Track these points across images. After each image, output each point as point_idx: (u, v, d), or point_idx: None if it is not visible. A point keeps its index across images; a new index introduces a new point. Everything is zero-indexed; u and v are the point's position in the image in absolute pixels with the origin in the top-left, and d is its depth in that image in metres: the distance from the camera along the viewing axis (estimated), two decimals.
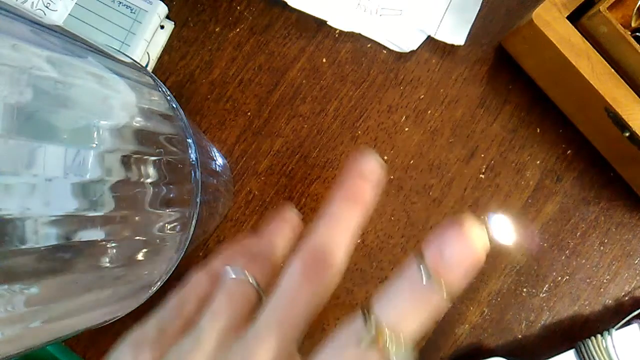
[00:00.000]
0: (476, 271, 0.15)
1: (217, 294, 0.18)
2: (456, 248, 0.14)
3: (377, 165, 0.17)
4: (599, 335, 0.33)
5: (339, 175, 0.18)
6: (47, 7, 0.34)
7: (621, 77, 0.31)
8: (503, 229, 0.19)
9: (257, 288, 0.18)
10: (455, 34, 0.36)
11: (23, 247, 0.15)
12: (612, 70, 0.31)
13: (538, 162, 0.37)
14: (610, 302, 0.36)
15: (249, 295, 0.18)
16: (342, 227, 0.17)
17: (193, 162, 0.23)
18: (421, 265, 0.15)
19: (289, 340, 0.16)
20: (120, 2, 0.35)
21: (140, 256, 0.21)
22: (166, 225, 0.22)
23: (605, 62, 0.31)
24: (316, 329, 0.35)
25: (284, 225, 0.21)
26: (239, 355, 0.15)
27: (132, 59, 0.23)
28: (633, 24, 0.31)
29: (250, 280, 0.18)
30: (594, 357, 0.32)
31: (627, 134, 0.31)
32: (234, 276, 0.18)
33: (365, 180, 0.17)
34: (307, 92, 0.37)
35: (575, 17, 0.31)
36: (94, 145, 0.17)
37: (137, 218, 0.20)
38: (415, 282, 0.15)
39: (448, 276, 0.15)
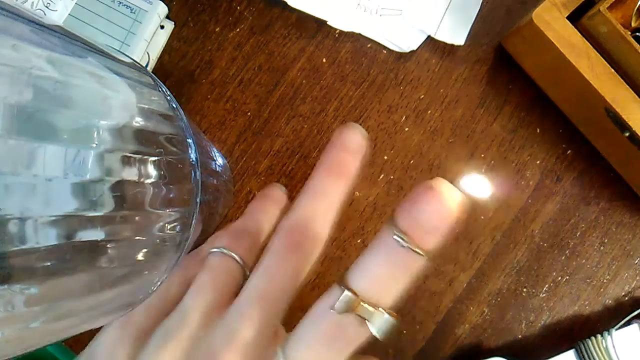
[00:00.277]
0: (453, 231, 0.14)
1: (200, 273, 0.18)
2: (430, 210, 0.14)
3: (361, 137, 0.17)
4: (599, 335, 0.33)
5: (323, 149, 0.17)
6: (47, 7, 0.34)
7: (621, 77, 0.31)
8: (477, 185, 0.18)
9: (241, 264, 0.18)
10: (455, 34, 0.36)
11: (23, 247, 0.15)
12: (612, 70, 0.31)
13: (538, 162, 0.37)
14: (610, 302, 0.36)
15: (232, 272, 0.18)
16: (324, 200, 0.17)
17: (193, 162, 0.23)
18: (395, 233, 0.14)
19: (272, 314, 0.16)
20: (120, 2, 0.35)
21: (140, 256, 0.21)
22: (166, 225, 0.22)
23: (605, 62, 0.31)
24: None
25: (269, 203, 0.21)
26: (224, 331, 0.15)
27: (132, 59, 0.23)
28: (633, 24, 0.31)
29: (234, 256, 0.18)
30: (594, 357, 0.32)
31: (627, 134, 0.31)
32: (217, 255, 0.18)
33: (348, 152, 0.17)
34: (307, 92, 0.37)
35: (575, 17, 0.31)
36: (94, 145, 0.17)
37: (137, 218, 0.20)
38: (391, 249, 0.15)
39: (424, 239, 0.14)
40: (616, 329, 0.33)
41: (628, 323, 0.34)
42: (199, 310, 0.17)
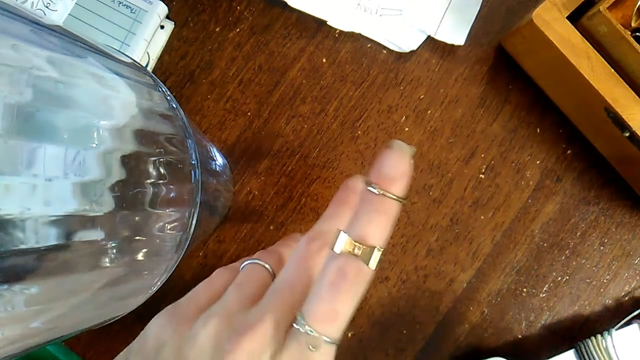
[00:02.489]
0: (410, 175, 0.19)
1: (239, 275, 0.22)
2: (389, 163, 0.18)
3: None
4: (599, 335, 0.33)
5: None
6: (47, 7, 0.34)
7: (621, 77, 0.31)
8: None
9: (270, 272, 0.22)
10: (455, 34, 0.36)
11: (23, 247, 0.15)
12: (612, 70, 0.31)
13: (538, 162, 0.37)
14: (610, 302, 0.36)
15: (264, 277, 0.22)
16: (336, 220, 0.21)
17: (193, 162, 0.23)
18: (370, 185, 0.18)
19: (294, 300, 0.19)
20: (120, 2, 0.35)
21: (140, 256, 0.21)
22: (166, 225, 0.22)
23: (605, 62, 0.31)
24: None
25: (290, 242, 0.26)
26: (256, 311, 0.19)
27: (132, 59, 0.23)
28: (633, 24, 0.31)
29: (265, 266, 0.23)
30: (594, 357, 0.32)
31: (627, 134, 0.31)
32: (252, 264, 0.23)
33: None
34: (307, 92, 0.37)
35: (575, 17, 0.31)
36: (94, 145, 0.17)
37: (137, 218, 0.20)
38: (368, 198, 0.18)
39: (392, 185, 0.18)
40: (616, 329, 0.33)
41: (628, 323, 0.34)
42: (237, 300, 0.21)
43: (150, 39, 0.35)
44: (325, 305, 0.18)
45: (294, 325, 0.18)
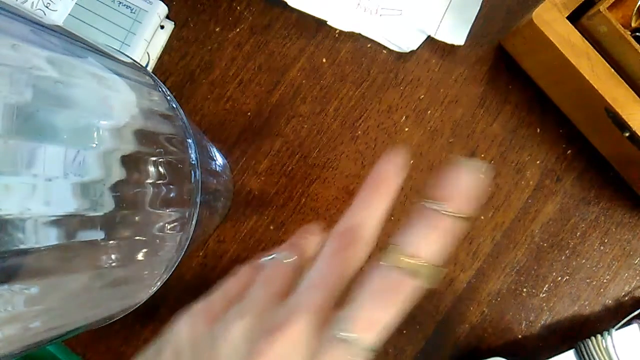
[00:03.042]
0: (479, 196, 0.18)
1: (265, 270, 0.21)
2: (459, 181, 0.17)
3: (400, 164, 0.20)
4: (599, 335, 0.33)
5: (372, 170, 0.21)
6: (47, 7, 0.34)
7: (621, 77, 0.31)
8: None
9: (298, 266, 0.21)
10: (455, 34, 0.36)
11: (23, 247, 0.15)
12: (612, 70, 0.31)
13: (538, 162, 0.37)
14: (610, 302, 0.36)
15: (291, 271, 0.21)
16: (368, 210, 0.20)
17: (193, 162, 0.23)
18: (429, 201, 0.18)
19: (325, 299, 0.19)
20: (120, 2, 0.35)
21: (140, 256, 0.21)
22: (166, 225, 0.22)
23: (605, 62, 0.31)
24: None
25: (307, 235, 0.24)
26: (286, 309, 0.19)
27: (132, 59, 0.23)
28: (633, 24, 0.31)
29: (293, 259, 0.21)
30: (594, 357, 0.32)
31: (627, 134, 0.31)
32: (278, 258, 0.22)
33: (389, 178, 0.20)
34: (307, 92, 0.37)
35: (575, 17, 0.31)
36: (94, 145, 0.17)
37: (137, 218, 0.20)
38: (430, 215, 0.18)
39: (458, 203, 0.17)
40: (616, 329, 0.33)
41: (628, 323, 0.34)
42: (265, 296, 0.20)
43: (150, 39, 0.35)
44: (369, 313, 0.17)
45: (334, 329, 0.18)
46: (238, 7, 0.37)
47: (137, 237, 0.20)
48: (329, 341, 0.18)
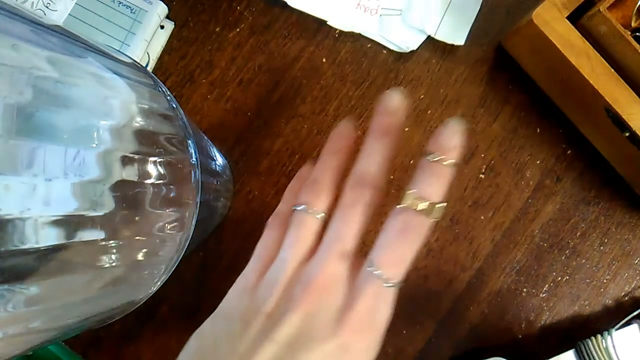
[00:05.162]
0: (462, 146, 0.21)
1: (289, 231, 0.23)
2: (446, 136, 0.21)
3: (398, 99, 0.23)
4: (599, 335, 0.33)
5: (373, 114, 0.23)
6: (47, 7, 0.35)
7: (621, 77, 0.31)
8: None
9: (320, 218, 0.23)
10: (455, 34, 0.36)
11: (23, 247, 0.15)
12: (612, 70, 0.31)
13: (538, 162, 0.37)
14: (610, 302, 0.36)
15: (314, 226, 0.23)
16: (377, 156, 0.22)
17: (193, 162, 0.23)
18: (430, 154, 0.21)
19: (347, 249, 0.21)
20: (120, 2, 0.35)
21: (140, 256, 0.21)
22: (166, 225, 0.22)
23: (605, 62, 0.31)
24: None
25: (339, 150, 0.25)
26: (314, 266, 0.21)
27: (132, 59, 0.23)
28: (633, 24, 0.31)
29: (314, 213, 0.23)
30: (594, 357, 0.32)
31: (627, 134, 0.31)
32: (300, 214, 0.23)
33: (389, 115, 0.23)
34: (307, 92, 0.37)
35: (575, 17, 0.31)
36: (94, 145, 0.17)
37: (137, 218, 0.20)
38: (427, 165, 0.21)
39: (447, 153, 0.21)
40: (616, 329, 0.33)
41: (628, 323, 0.34)
42: (292, 260, 0.22)
43: (150, 39, 0.35)
44: (393, 253, 0.21)
45: (368, 268, 0.21)
46: (238, 7, 0.37)
47: (137, 237, 0.20)
48: (364, 279, 0.21)
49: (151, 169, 0.20)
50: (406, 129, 0.36)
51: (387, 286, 0.20)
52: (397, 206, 0.21)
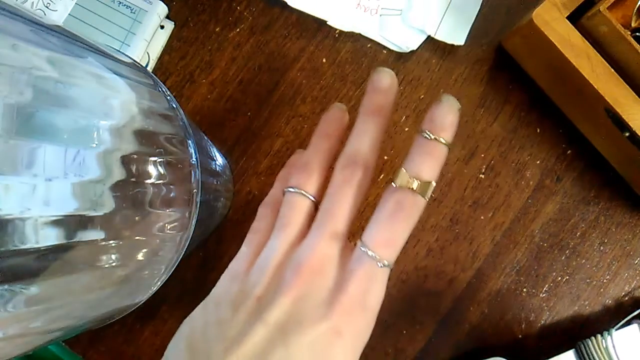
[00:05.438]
0: (456, 125, 0.21)
1: (280, 213, 0.23)
2: (440, 114, 0.21)
3: (389, 78, 0.22)
4: (599, 335, 0.33)
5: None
6: (47, 7, 0.35)
7: (621, 77, 0.31)
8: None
9: (312, 199, 0.22)
10: (455, 34, 0.36)
11: (23, 247, 0.15)
12: (612, 70, 0.31)
13: (538, 162, 0.37)
14: (610, 302, 0.36)
15: (306, 208, 0.22)
16: (368, 135, 0.22)
17: (193, 162, 0.23)
18: (424, 132, 0.21)
19: (339, 230, 0.21)
20: (120, 2, 0.35)
21: (140, 256, 0.21)
22: (166, 225, 0.22)
23: (605, 62, 0.31)
24: None
25: (330, 134, 0.25)
26: (305, 248, 0.21)
27: (132, 59, 0.23)
28: (633, 24, 0.31)
29: (306, 194, 0.22)
30: (594, 357, 0.32)
31: (627, 134, 0.31)
32: (291, 195, 0.23)
33: (380, 93, 0.22)
34: (307, 92, 0.37)
35: (575, 17, 0.31)
36: (94, 145, 0.17)
37: (137, 218, 0.20)
38: (422, 142, 0.21)
39: (441, 131, 0.21)
40: (616, 329, 0.33)
41: (628, 323, 0.34)
42: (283, 243, 0.21)
43: (150, 39, 0.35)
44: (386, 233, 0.20)
45: (361, 248, 0.20)
46: (238, 7, 0.37)
47: (137, 237, 0.20)
48: (357, 259, 0.20)
49: (151, 169, 0.20)
50: (406, 129, 0.36)
51: (381, 267, 0.20)
52: (391, 184, 0.21)
